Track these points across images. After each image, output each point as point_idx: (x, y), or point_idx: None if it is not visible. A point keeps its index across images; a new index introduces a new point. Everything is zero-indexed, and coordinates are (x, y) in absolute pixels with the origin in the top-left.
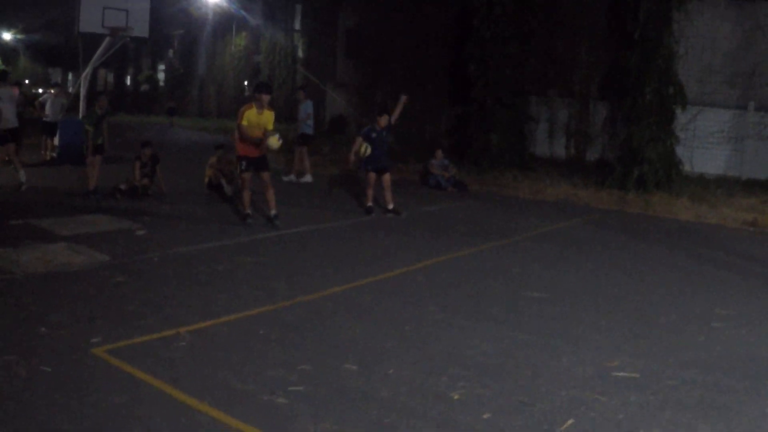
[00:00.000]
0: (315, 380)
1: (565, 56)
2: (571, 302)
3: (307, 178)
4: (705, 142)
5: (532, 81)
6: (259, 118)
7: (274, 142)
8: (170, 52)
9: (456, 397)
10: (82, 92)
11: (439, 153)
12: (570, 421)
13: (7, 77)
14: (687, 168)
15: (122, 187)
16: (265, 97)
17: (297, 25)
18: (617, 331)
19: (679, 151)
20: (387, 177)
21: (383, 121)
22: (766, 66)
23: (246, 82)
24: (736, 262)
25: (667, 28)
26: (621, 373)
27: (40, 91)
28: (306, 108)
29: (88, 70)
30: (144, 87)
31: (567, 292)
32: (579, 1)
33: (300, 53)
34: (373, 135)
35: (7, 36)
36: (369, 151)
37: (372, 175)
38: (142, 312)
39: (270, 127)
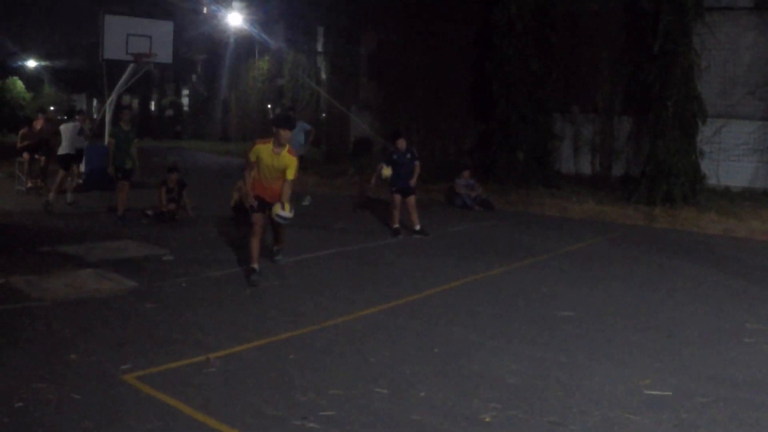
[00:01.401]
0: (346, 405)
1: (587, 72)
2: (600, 320)
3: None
4: (730, 155)
5: (555, 97)
6: (273, 158)
7: (287, 210)
8: (194, 77)
9: (487, 419)
10: (107, 118)
11: (466, 173)
12: None
13: (74, 114)
14: (713, 181)
15: (149, 212)
16: (285, 134)
17: (319, 48)
18: (648, 348)
19: (705, 164)
20: (411, 199)
21: (401, 144)
22: None
23: (269, 105)
24: (766, 275)
25: (686, 41)
26: (653, 391)
27: (65, 117)
28: (296, 136)
29: (112, 97)
30: (168, 112)
31: (596, 310)
32: (599, 16)
33: (323, 75)
34: (395, 157)
35: (32, 63)
36: (389, 173)
37: (397, 197)
38: (172, 338)
39: (290, 176)
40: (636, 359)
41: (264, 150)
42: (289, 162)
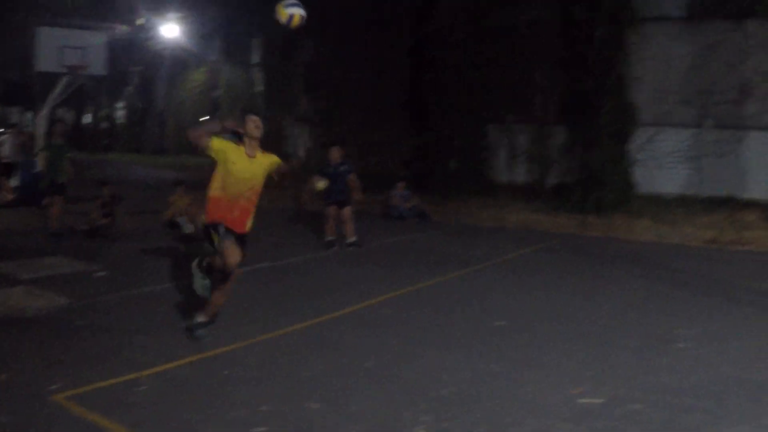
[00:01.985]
0: (278, 420)
1: (523, 82)
2: (534, 329)
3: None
4: (664, 162)
5: (491, 108)
6: (250, 164)
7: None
8: (129, 89)
9: (420, 431)
10: (41, 132)
11: (401, 185)
12: None
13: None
14: (647, 189)
15: (82, 227)
16: (256, 121)
17: (256, 60)
18: (581, 357)
19: (639, 171)
20: (347, 210)
21: (334, 153)
22: (722, 84)
23: (202, 119)
24: (698, 281)
25: (621, 51)
26: (586, 400)
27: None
28: None
29: (46, 110)
30: (104, 125)
31: (530, 320)
32: (534, 27)
33: (258, 88)
34: (329, 170)
35: None
36: (324, 185)
37: (331, 209)
38: (103, 355)
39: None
40: (569, 368)
41: (234, 152)
42: (271, 159)
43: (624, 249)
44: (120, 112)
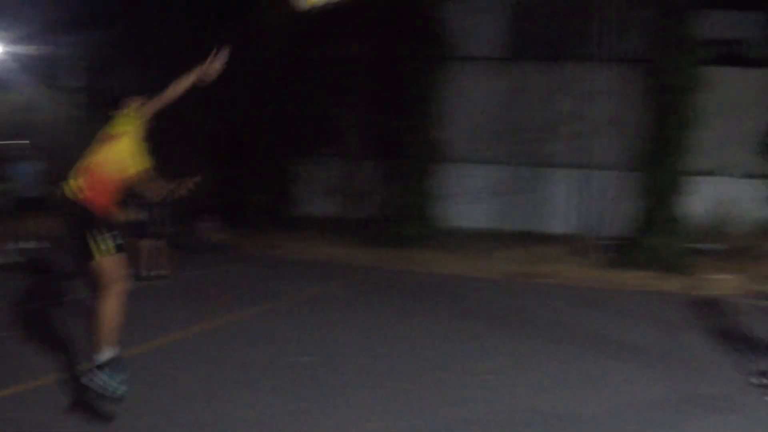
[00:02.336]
0: None
1: (338, 116)
2: (337, 364)
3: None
4: (471, 198)
5: (304, 141)
6: (141, 145)
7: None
8: None
9: None
10: None
11: (209, 216)
12: None
13: None
14: (456, 223)
15: None
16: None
17: (77, 83)
18: (382, 391)
19: (449, 206)
20: (161, 243)
21: (146, 185)
22: (528, 123)
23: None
24: (498, 313)
25: (429, 89)
26: None
27: None
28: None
29: None
30: None
31: (334, 355)
32: (349, 63)
33: (77, 112)
34: (146, 201)
35: None
36: (137, 216)
37: (144, 242)
38: None
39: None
40: (369, 402)
41: (139, 129)
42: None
43: (426, 282)
44: None
